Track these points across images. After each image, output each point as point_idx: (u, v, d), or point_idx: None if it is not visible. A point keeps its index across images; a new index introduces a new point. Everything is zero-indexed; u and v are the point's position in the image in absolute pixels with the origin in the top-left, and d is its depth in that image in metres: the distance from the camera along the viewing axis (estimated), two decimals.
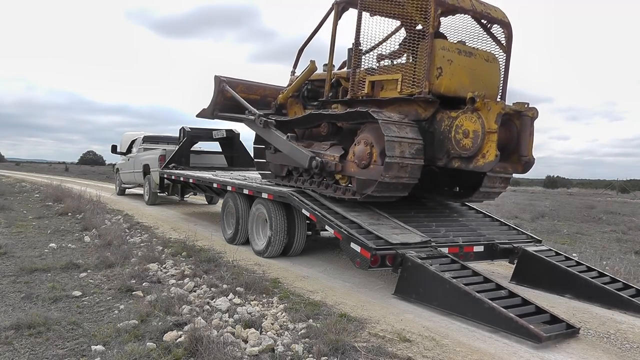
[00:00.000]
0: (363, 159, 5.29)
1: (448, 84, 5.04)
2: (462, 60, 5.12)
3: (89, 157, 78.97)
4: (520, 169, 5.14)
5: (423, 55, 5.01)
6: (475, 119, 4.75)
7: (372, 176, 5.18)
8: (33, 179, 23.95)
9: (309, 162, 5.94)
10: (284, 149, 6.56)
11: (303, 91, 6.96)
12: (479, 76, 5.25)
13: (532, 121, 4.97)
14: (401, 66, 5.32)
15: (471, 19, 5.47)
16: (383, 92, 5.50)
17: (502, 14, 5.55)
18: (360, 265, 4.71)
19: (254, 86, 8.05)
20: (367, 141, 5.27)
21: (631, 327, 4.31)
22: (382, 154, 5.00)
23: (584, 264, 5.49)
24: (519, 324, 3.77)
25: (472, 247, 5.28)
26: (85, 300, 4.58)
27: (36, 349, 3.41)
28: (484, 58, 5.36)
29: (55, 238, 7.72)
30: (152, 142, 13.83)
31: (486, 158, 4.70)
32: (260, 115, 6.97)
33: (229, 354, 3.26)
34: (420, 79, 5.04)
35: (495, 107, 4.66)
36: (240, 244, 7.26)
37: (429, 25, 4.98)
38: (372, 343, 3.59)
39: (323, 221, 5.41)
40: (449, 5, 5.11)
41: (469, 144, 4.81)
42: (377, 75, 5.51)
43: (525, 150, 4.99)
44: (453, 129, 4.96)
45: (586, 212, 16.40)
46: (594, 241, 9.92)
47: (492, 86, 5.43)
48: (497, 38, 5.58)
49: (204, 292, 4.81)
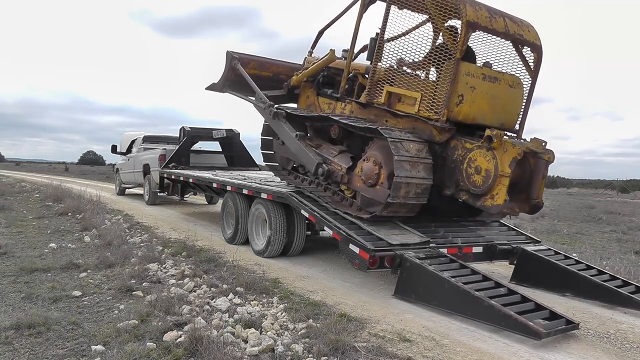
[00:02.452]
0: (370, 178, 5.14)
1: (467, 111, 4.82)
2: (485, 86, 4.88)
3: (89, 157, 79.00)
4: (527, 209, 4.96)
5: (446, 78, 4.75)
6: (489, 158, 4.59)
7: (377, 197, 5.06)
8: (33, 179, 23.95)
9: (315, 168, 5.81)
10: (292, 146, 6.37)
11: (318, 78, 6.68)
12: (500, 103, 5.04)
13: (547, 164, 4.76)
14: (421, 83, 5.05)
15: (502, 40, 5.14)
16: (400, 105, 5.25)
17: (535, 36, 5.26)
18: (359, 266, 4.70)
19: (267, 63, 7.61)
20: (376, 160, 5.13)
21: (631, 327, 4.31)
22: (390, 176, 4.87)
23: (583, 263, 5.50)
24: (519, 321, 3.77)
25: (471, 248, 5.28)
26: (85, 300, 4.58)
27: (36, 349, 3.41)
28: (508, 83, 5.11)
29: (55, 238, 7.71)
30: (152, 142, 13.83)
31: (495, 200, 4.57)
32: (271, 105, 6.69)
33: (229, 354, 3.26)
34: (439, 106, 4.80)
35: (512, 150, 4.47)
36: (240, 244, 7.26)
37: (457, 48, 4.69)
38: (372, 343, 3.59)
39: (322, 222, 5.41)
40: (482, 27, 4.81)
41: (479, 181, 4.67)
42: (395, 88, 5.24)
43: (536, 193, 4.82)
44: (466, 161, 4.81)
45: (586, 212, 16.39)
46: (594, 241, 9.92)
47: (512, 113, 5.23)
48: (526, 61, 5.29)
49: (204, 292, 4.81)
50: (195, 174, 9.74)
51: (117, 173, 15.37)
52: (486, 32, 4.93)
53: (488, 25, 4.85)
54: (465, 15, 4.66)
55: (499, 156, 4.53)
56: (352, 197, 5.62)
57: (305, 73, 6.66)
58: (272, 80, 7.50)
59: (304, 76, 6.70)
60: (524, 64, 5.29)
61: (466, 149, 4.84)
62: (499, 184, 4.52)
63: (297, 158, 6.43)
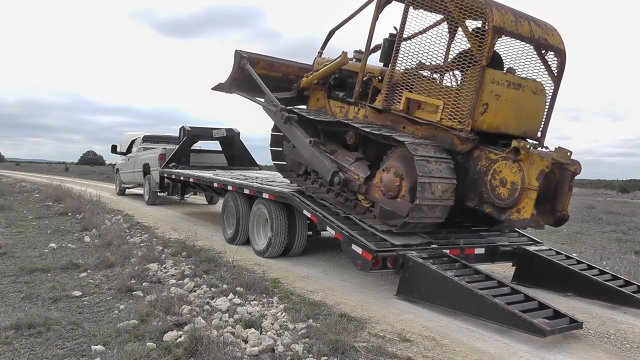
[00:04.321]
0: (390, 190, 4.91)
1: (491, 120, 4.62)
2: (509, 94, 4.67)
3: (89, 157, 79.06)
4: (552, 221, 4.79)
5: (470, 86, 4.53)
6: (515, 170, 4.40)
7: (398, 210, 4.85)
8: (33, 179, 23.95)
9: (331, 176, 5.54)
10: (305, 152, 6.08)
11: (330, 80, 6.43)
12: (523, 111, 4.82)
13: (573, 176, 4.61)
14: (444, 90, 4.81)
15: (526, 45, 4.91)
16: (419, 112, 5.01)
17: (559, 40, 5.03)
18: (361, 267, 4.68)
19: (276, 63, 7.37)
20: (397, 172, 4.88)
21: (631, 327, 4.31)
22: (412, 189, 4.66)
23: (584, 263, 5.50)
24: (523, 319, 3.76)
25: (473, 249, 5.25)
26: (85, 300, 4.58)
27: (36, 349, 3.41)
28: (532, 90, 4.88)
29: (55, 238, 7.71)
30: (152, 141, 13.84)
31: (521, 214, 4.39)
32: (282, 109, 6.40)
33: (229, 354, 3.26)
34: (464, 115, 4.57)
35: (540, 162, 4.30)
36: (241, 244, 7.26)
37: (482, 55, 4.45)
38: (372, 343, 3.59)
39: (324, 222, 5.40)
40: (508, 32, 4.59)
41: (505, 194, 4.49)
42: (415, 94, 4.98)
43: (561, 205, 4.68)
44: (490, 172, 4.61)
45: (586, 212, 16.38)
46: (594, 241, 9.91)
47: (535, 121, 5.03)
48: (550, 67, 5.07)
49: (204, 292, 4.81)
50: (196, 174, 9.74)
51: (117, 173, 15.37)
52: (512, 37, 4.73)
53: (514, 30, 4.62)
54: (491, 20, 4.44)
55: (525, 168, 4.35)
56: (369, 207, 5.41)
57: (316, 75, 6.45)
58: (281, 81, 7.29)
59: (315, 78, 6.49)
60: (547, 69, 5.08)
61: (490, 159, 4.64)
62: (525, 197, 4.34)
63: (310, 164, 6.20)
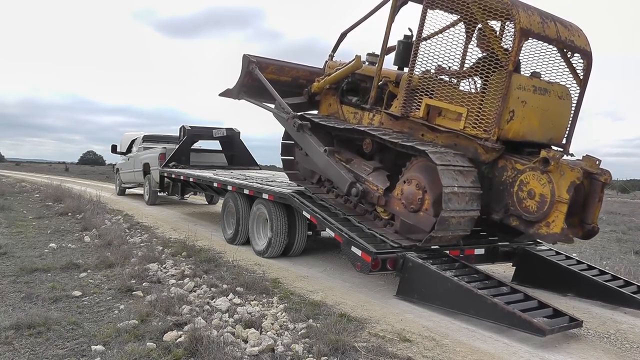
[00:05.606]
0: (412, 203, 4.70)
1: (517, 128, 4.41)
2: (535, 100, 4.47)
3: (89, 157, 79.01)
4: (580, 234, 4.55)
5: (496, 92, 4.31)
6: (544, 182, 4.21)
7: (421, 224, 4.66)
8: (33, 179, 23.94)
9: (348, 187, 5.30)
10: (319, 161, 5.81)
11: (342, 85, 6.16)
12: (549, 117, 4.62)
13: (603, 187, 4.41)
14: (467, 96, 4.60)
15: (551, 47, 4.72)
16: (440, 120, 4.80)
17: (585, 41, 4.83)
18: (361, 268, 4.67)
19: (285, 67, 7.09)
20: (419, 184, 4.67)
21: (631, 327, 4.31)
22: (435, 203, 4.48)
23: (584, 263, 5.49)
24: (522, 319, 3.76)
25: (473, 250, 5.25)
26: (85, 300, 4.58)
27: (36, 349, 3.41)
28: (557, 95, 4.67)
29: (55, 238, 7.71)
30: (152, 141, 13.83)
31: (550, 228, 4.20)
32: (295, 117, 6.11)
33: (229, 354, 3.26)
34: (489, 123, 4.35)
35: (570, 174, 4.11)
36: (241, 244, 7.26)
37: (509, 59, 4.25)
38: (372, 343, 3.59)
39: (324, 224, 5.39)
40: (535, 34, 4.38)
41: (533, 206, 4.30)
42: (436, 101, 4.76)
43: (591, 217, 4.44)
44: (517, 183, 4.42)
45: None
46: (594, 241, 9.87)
47: (561, 128, 4.83)
48: (575, 70, 4.86)
49: (204, 292, 4.81)
50: (196, 173, 9.74)
51: (117, 173, 15.37)
52: (538, 39, 4.51)
53: (541, 32, 4.40)
54: (518, 22, 4.23)
55: (555, 180, 4.16)
56: (389, 219, 5.19)
57: (328, 80, 6.18)
58: (291, 86, 7.01)
59: (327, 83, 6.23)
60: (572, 73, 4.88)
61: (516, 170, 4.45)
62: (555, 210, 4.15)
63: (324, 173, 5.97)
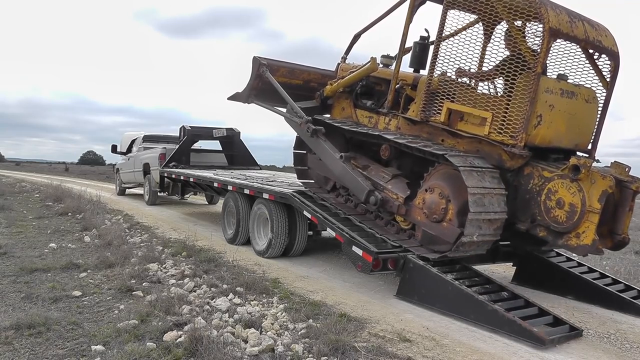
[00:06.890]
0: (435, 213, 4.52)
1: (544, 134, 4.23)
2: (563, 104, 4.29)
3: (89, 157, 79.04)
4: (609, 245, 4.34)
5: (524, 96, 4.13)
6: (574, 191, 4.01)
7: (444, 235, 4.48)
8: (33, 179, 23.93)
9: (366, 196, 5.11)
10: (335, 168, 5.60)
11: (356, 88, 5.97)
12: (576, 122, 4.44)
13: (634, 195, 4.18)
14: (491, 100, 4.41)
15: (579, 48, 4.55)
16: (463, 125, 4.61)
17: (612, 42, 4.66)
18: (362, 268, 4.67)
19: (297, 70, 6.88)
20: (442, 193, 4.49)
21: (631, 327, 4.31)
22: (460, 212, 4.30)
23: (585, 265, 5.48)
24: (522, 327, 3.75)
25: None
26: (85, 300, 4.58)
27: (36, 349, 3.41)
28: (584, 98, 4.49)
29: (55, 238, 7.71)
30: (152, 141, 13.83)
31: (581, 239, 3.99)
32: (309, 121, 5.85)
33: (229, 354, 3.26)
34: (516, 129, 4.16)
35: (602, 182, 3.92)
36: (241, 244, 7.26)
37: (537, 61, 4.07)
38: (372, 343, 3.59)
39: (324, 224, 5.39)
40: (564, 34, 4.21)
41: (562, 216, 4.09)
42: (458, 105, 4.57)
43: (621, 227, 4.23)
44: (544, 192, 4.21)
45: None
46: None
47: (587, 132, 4.68)
48: (601, 72, 4.70)
49: (204, 292, 4.81)
50: (196, 173, 9.74)
51: (117, 173, 15.36)
52: (567, 39, 4.35)
53: (569, 32, 4.23)
54: (547, 22, 4.05)
55: (585, 189, 3.96)
56: (410, 229, 5.03)
57: (341, 83, 5.98)
58: (302, 89, 6.82)
59: (340, 86, 6.02)
60: (598, 75, 4.71)
61: (544, 177, 4.26)
62: (586, 220, 3.95)
63: (340, 180, 5.76)
